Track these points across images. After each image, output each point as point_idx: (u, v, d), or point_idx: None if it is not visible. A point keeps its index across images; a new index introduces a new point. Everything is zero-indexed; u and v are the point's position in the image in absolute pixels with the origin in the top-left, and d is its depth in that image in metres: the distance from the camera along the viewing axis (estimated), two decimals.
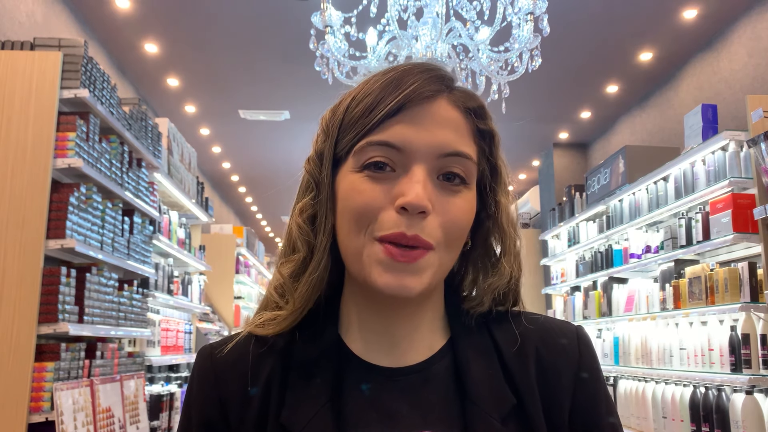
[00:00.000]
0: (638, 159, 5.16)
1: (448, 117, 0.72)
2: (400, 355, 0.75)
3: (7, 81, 2.99)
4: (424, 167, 0.69)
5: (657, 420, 4.16)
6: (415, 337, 0.75)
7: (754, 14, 4.92)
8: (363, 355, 0.75)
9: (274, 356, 0.74)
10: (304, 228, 0.74)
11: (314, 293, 0.74)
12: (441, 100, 0.72)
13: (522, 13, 3.35)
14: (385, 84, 0.71)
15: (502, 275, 0.76)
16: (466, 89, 0.76)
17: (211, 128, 7.85)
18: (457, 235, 0.71)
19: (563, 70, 6.08)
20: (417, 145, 0.69)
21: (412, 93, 0.70)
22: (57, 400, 2.74)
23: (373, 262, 0.68)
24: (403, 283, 0.68)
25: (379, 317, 0.75)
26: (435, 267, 0.70)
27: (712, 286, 3.75)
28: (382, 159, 0.69)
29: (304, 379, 0.72)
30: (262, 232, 15.17)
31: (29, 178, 2.91)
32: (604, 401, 0.76)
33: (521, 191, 9.91)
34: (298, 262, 0.74)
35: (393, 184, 0.69)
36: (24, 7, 4.37)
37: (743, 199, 3.59)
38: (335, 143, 0.73)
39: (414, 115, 0.70)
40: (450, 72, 0.75)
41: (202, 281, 5.86)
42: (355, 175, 0.70)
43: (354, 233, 0.70)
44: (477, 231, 0.77)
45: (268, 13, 5.12)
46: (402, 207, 0.67)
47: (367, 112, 0.70)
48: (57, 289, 2.86)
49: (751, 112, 3.53)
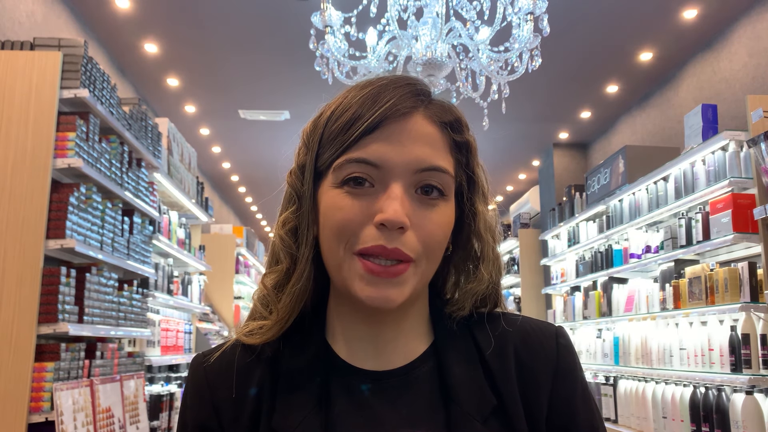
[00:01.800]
0: (638, 159, 5.16)
1: (424, 132, 0.73)
2: (386, 360, 0.77)
3: (7, 81, 2.99)
4: (402, 183, 0.71)
5: (657, 420, 4.16)
6: (400, 341, 0.78)
7: (754, 14, 4.92)
8: (349, 360, 0.77)
9: (262, 365, 0.77)
10: (287, 240, 0.76)
11: (298, 303, 0.76)
12: (417, 116, 0.73)
13: (522, 13, 3.34)
14: (363, 99, 0.73)
15: (481, 281, 0.79)
16: (442, 102, 0.78)
17: (211, 128, 7.85)
18: (435, 247, 0.73)
19: (563, 70, 6.08)
20: (394, 162, 0.71)
21: (388, 110, 0.71)
22: (57, 400, 2.74)
23: (355, 276, 0.71)
24: (385, 295, 0.70)
25: (364, 324, 0.77)
26: (416, 278, 0.72)
27: (712, 286, 3.74)
28: (361, 175, 0.71)
29: (293, 385, 0.74)
30: (262, 232, 15.17)
31: (29, 178, 2.91)
32: (582, 400, 0.77)
33: (521, 191, 9.91)
34: (282, 273, 0.76)
35: (372, 201, 0.71)
36: (24, 7, 4.37)
37: (743, 199, 3.59)
38: (316, 157, 0.75)
39: (391, 132, 0.71)
40: (427, 85, 0.77)
41: (202, 281, 5.86)
42: (336, 191, 0.72)
43: (335, 247, 0.72)
44: (458, 236, 0.80)
45: (268, 13, 5.12)
46: (381, 223, 0.69)
47: (346, 128, 0.72)
48: (57, 289, 2.86)
49: (751, 112, 3.53)
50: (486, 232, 0.79)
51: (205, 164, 9.09)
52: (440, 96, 0.79)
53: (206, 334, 6.22)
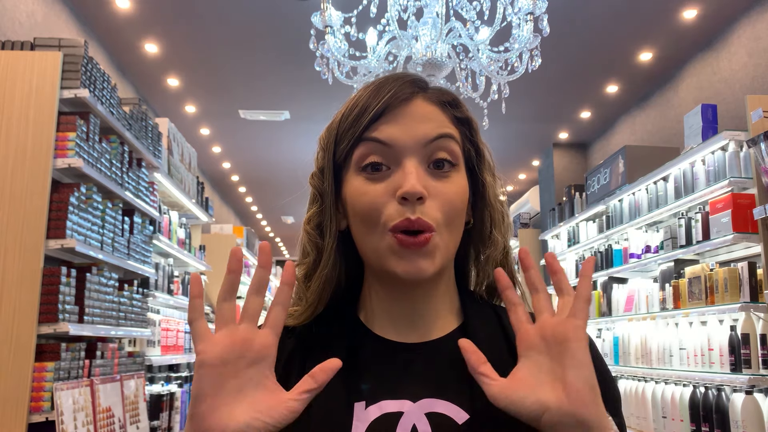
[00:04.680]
0: (638, 159, 5.17)
1: (425, 111, 0.80)
2: (418, 334, 0.82)
3: (7, 81, 2.99)
4: (415, 159, 0.77)
5: (657, 420, 4.16)
6: (430, 317, 0.83)
7: (754, 14, 4.92)
8: (381, 333, 0.83)
9: (295, 337, 0.83)
10: (312, 234, 0.83)
11: (326, 288, 0.82)
12: (417, 100, 0.81)
13: (522, 13, 3.34)
14: (368, 94, 0.81)
15: (496, 246, 0.85)
16: (439, 87, 0.85)
17: (211, 128, 7.85)
18: (454, 215, 0.78)
19: (563, 70, 6.08)
20: (404, 140, 0.78)
21: (391, 98, 0.79)
22: (57, 400, 2.74)
23: (389, 253, 0.76)
24: (418, 266, 0.76)
25: (397, 302, 0.82)
26: (441, 248, 0.77)
27: (711, 286, 3.75)
28: (377, 159, 0.78)
29: (324, 351, 0.77)
30: (262, 232, 15.17)
31: (29, 178, 2.91)
32: (612, 401, 0.78)
33: (521, 191, 9.91)
34: (310, 264, 0.83)
35: (391, 180, 0.77)
36: (24, 7, 4.37)
37: (743, 199, 3.60)
38: (334, 154, 0.82)
39: (396, 115, 0.79)
40: (423, 77, 0.85)
41: (203, 281, 5.85)
42: (357, 180, 0.79)
43: (367, 231, 0.78)
44: (474, 207, 0.86)
45: (268, 13, 5.13)
46: (402, 197, 0.75)
47: (356, 119, 0.80)
48: (57, 289, 2.86)
49: (751, 112, 3.53)
50: (495, 200, 0.85)
51: (205, 164, 9.09)
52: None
53: None
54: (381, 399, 0.76)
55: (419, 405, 0.75)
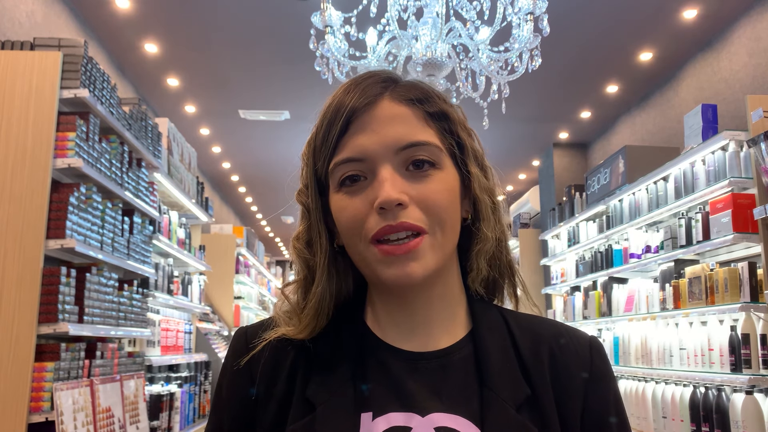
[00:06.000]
0: (638, 159, 5.17)
1: (393, 114, 0.76)
2: (423, 342, 0.80)
3: (7, 81, 2.99)
4: (389, 165, 0.75)
5: (657, 420, 4.16)
6: (435, 324, 0.80)
7: (754, 14, 4.92)
8: (387, 340, 0.81)
9: (296, 348, 0.81)
10: (302, 251, 0.82)
11: (322, 303, 0.80)
12: (383, 102, 0.77)
13: (522, 13, 3.34)
14: (333, 107, 0.78)
15: (485, 240, 0.80)
16: (409, 82, 0.81)
17: (211, 128, 7.85)
18: (442, 215, 0.75)
19: (563, 70, 6.08)
20: (374, 149, 0.75)
21: (353, 108, 0.76)
22: (57, 400, 2.74)
23: (376, 262, 0.75)
24: (405, 271, 0.73)
25: (398, 309, 0.80)
26: (435, 248, 0.75)
27: (712, 286, 3.74)
28: (352, 172, 0.76)
29: (329, 360, 0.78)
30: (262, 232, 15.17)
31: (29, 178, 2.91)
32: (614, 409, 0.80)
33: (521, 191, 9.91)
34: (301, 282, 0.82)
35: (368, 191, 0.75)
36: (24, 7, 4.37)
37: (743, 199, 3.60)
38: (315, 172, 0.81)
39: (362, 123, 0.76)
40: (392, 73, 0.81)
41: (202, 281, 5.85)
42: (338, 195, 0.77)
43: (353, 244, 0.77)
44: (464, 201, 0.82)
45: (268, 13, 5.12)
46: (380, 207, 0.73)
47: (325, 137, 0.78)
48: (57, 289, 2.86)
49: (751, 112, 3.53)
50: (482, 192, 0.81)
51: (205, 164, 9.09)
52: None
53: (206, 334, 6.21)
54: (388, 410, 0.74)
55: (428, 419, 0.74)
